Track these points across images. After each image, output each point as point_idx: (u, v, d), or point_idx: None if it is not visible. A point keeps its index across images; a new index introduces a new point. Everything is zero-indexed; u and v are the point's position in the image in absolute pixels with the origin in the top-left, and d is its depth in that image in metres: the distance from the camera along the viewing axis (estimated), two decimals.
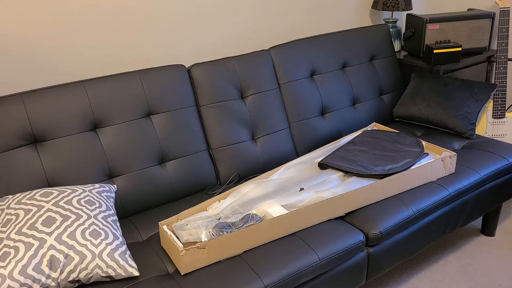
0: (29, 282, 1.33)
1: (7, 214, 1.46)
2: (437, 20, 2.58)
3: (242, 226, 1.59)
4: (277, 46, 2.26)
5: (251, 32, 2.43)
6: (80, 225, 1.44)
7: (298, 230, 1.67)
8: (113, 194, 1.68)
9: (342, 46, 2.43)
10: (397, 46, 2.83)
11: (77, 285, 1.43)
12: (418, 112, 2.43)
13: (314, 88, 2.31)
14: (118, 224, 1.57)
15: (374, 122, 2.42)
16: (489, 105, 2.44)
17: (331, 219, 1.75)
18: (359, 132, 2.28)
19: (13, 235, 1.39)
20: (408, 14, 2.74)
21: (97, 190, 1.62)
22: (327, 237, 1.65)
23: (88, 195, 1.56)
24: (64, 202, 1.49)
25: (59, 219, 1.43)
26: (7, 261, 1.33)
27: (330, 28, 2.72)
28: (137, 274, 1.47)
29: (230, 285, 1.45)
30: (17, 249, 1.35)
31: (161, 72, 1.94)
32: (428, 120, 2.40)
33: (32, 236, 1.38)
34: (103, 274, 1.42)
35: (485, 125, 2.45)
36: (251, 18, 2.41)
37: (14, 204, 1.49)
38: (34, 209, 1.45)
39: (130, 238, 1.70)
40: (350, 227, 1.72)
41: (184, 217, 1.69)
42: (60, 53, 1.93)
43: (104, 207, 1.55)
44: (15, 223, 1.42)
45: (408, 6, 2.67)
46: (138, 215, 1.84)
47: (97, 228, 1.46)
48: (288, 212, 1.64)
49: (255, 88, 2.14)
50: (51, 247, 1.37)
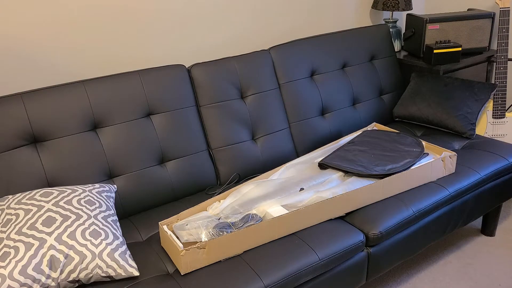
0: (29, 282, 1.33)
1: (7, 214, 1.46)
2: (437, 20, 2.58)
3: (242, 226, 1.59)
4: (277, 46, 2.26)
5: (251, 32, 2.43)
6: (80, 225, 1.44)
7: (298, 230, 1.67)
8: (113, 194, 1.68)
9: (342, 46, 2.43)
10: (397, 46, 2.83)
11: (77, 285, 1.43)
12: (418, 112, 2.43)
13: (314, 88, 2.31)
14: (118, 224, 1.57)
15: (374, 122, 2.42)
16: (489, 105, 2.44)
17: (331, 219, 1.75)
18: (359, 132, 2.28)
19: (13, 235, 1.39)
20: (408, 14, 2.74)
21: (97, 190, 1.62)
22: (327, 237, 1.65)
23: (88, 195, 1.56)
24: (64, 202, 1.49)
25: (59, 219, 1.43)
26: (7, 261, 1.33)
27: (330, 28, 2.72)
28: (137, 274, 1.47)
29: (230, 285, 1.45)
30: (17, 249, 1.35)
31: (161, 72, 1.94)
32: (428, 120, 2.40)
33: (32, 236, 1.38)
34: (103, 274, 1.42)
35: (485, 125, 2.45)
36: (251, 18, 2.41)
37: (14, 204, 1.49)
38: (34, 209, 1.45)
39: (130, 238, 1.70)
40: (350, 227, 1.72)
41: (184, 217, 1.69)
42: (60, 53, 1.93)
43: (104, 207, 1.55)
44: (15, 223, 1.42)
45: (408, 6, 2.67)
46: (138, 215, 1.84)
47: (97, 228, 1.46)
48: (288, 212, 1.64)
49: (255, 88, 2.14)
50: (51, 247, 1.37)
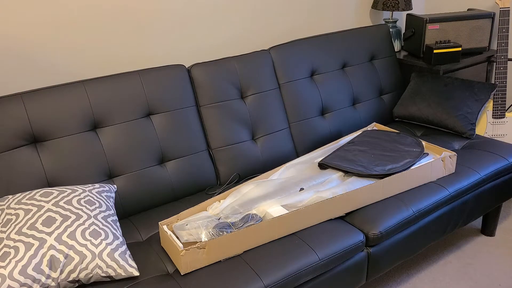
0: (29, 282, 1.33)
1: (7, 214, 1.46)
2: (437, 20, 2.58)
3: (242, 226, 1.59)
4: (277, 46, 2.26)
5: (251, 32, 2.43)
6: (80, 225, 1.44)
7: (298, 230, 1.67)
8: (113, 194, 1.68)
9: (342, 46, 2.43)
10: (397, 46, 2.83)
11: (77, 285, 1.43)
12: (418, 112, 2.43)
13: (314, 88, 2.31)
14: (118, 224, 1.57)
15: (374, 122, 2.42)
16: (489, 105, 2.44)
17: (331, 219, 1.75)
18: (359, 132, 2.28)
19: (13, 235, 1.39)
20: (408, 14, 2.74)
21: (97, 190, 1.62)
22: (327, 237, 1.65)
23: (88, 195, 1.56)
24: (64, 202, 1.49)
25: (59, 219, 1.43)
26: (7, 261, 1.33)
27: (330, 28, 2.72)
28: (137, 274, 1.47)
29: (230, 285, 1.45)
30: (17, 249, 1.35)
31: (161, 72, 1.94)
32: (428, 120, 2.40)
33: (32, 236, 1.38)
34: (103, 274, 1.42)
35: (485, 125, 2.45)
36: (251, 18, 2.41)
37: (14, 204, 1.49)
38: (34, 209, 1.45)
39: (130, 238, 1.70)
40: (350, 227, 1.72)
41: (184, 217, 1.69)
42: (60, 53, 1.93)
43: (104, 207, 1.55)
44: (15, 223, 1.42)
45: (408, 6, 2.67)
46: (138, 215, 1.84)
47: (97, 228, 1.46)
48: (288, 212, 1.64)
49: (255, 88, 2.14)
50: (51, 247, 1.37)
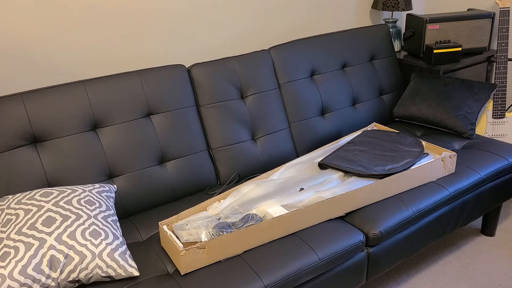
0: (29, 282, 1.33)
1: (7, 214, 1.46)
2: (437, 20, 2.58)
3: (242, 226, 1.59)
4: (277, 46, 2.26)
5: (251, 32, 2.43)
6: (80, 225, 1.44)
7: (298, 230, 1.67)
8: (113, 194, 1.68)
9: (342, 46, 2.43)
10: (397, 46, 2.83)
11: (77, 285, 1.43)
12: (418, 112, 2.43)
13: (314, 88, 2.31)
14: (118, 224, 1.57)
15: (374, 122, 2.42)
16: (489, 105, 2.44)
17: (331, 219, 1.75)
18: (359, 132, 2.28)
19: (13, 235, 1.39)
20: (408, 14, 2.74)
21: (97, 190, 1.62)
22: (327, 237, 1.65)
23: (88, 195, 1.56)
24: (64, 202, 1.49)
25: (59, 219, 1.43)
26: (7, 261, 1.33)
27: (330, 28, 2.72)
28: (137, 274, 1.47)
29: (230, 285, 1.45)
30: (17, 249, 1.35)
31: (161, 72, 1.94)
32: (428, 120, 2.40)
33: (32, 236, 1.38)
34: (103, 274, 1.42)
35: (485, 125, 2.45)
36: (251, 18, 2.41)
37: (14, 204, 1.49)
38: (34, 209, 1.45)
39: (130, 238, 1.70)
40: (350, 227, 1.72)
41: (184, 217, 1.69)
42: (60, 53, 1.93)
43: (104, 207, 1.55)
44: (15, 223, 1.42)
45: (408, 6, 2.67)
46: (138, 215, 1.84)
47: (97, 228, 1.46)
48: (288, 212, 1.64)
49: (255, 88, 2.14)
50: (51, 247, 1.37)
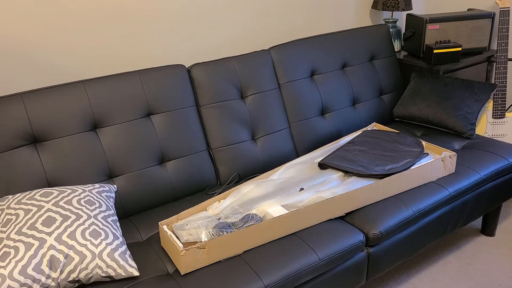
0: (29, 282, 1.33)
1: (7, 214, 1.46)
2: (437, 20, 2.58)
3: (242, 226, 1.59)
4: (277, 46, 2.26)
5: (251, 32, 2.43)
6: (80, 225, 1.44)
7: (298, 230, 1.67)
8: (113, 194, 1.68)
9: (342, 46, 2.43)
10: (397, 46, 2.83)
11: (77, 285, 1.43)
12: (418, 112, 2.43)
13: (314, 88, 2.31)
14: (118, 224, 1.57)
15: (374, 122, 2.42)
16: (489, 105, 2.44)
17: (331, 219, 1.75)
18: (359, 132, 2.28)
19: (13, 235, 1.39)
20: (408, 14, 2.74)
21: (97, 190, 1.62)
22: (327, 237, 1.65)
23: (88, 195, 1.56)
24: (64, 202, 1.49)
25: (59, 219, 1.43)
26: (7, 261, 1.33)
27: (330, 28, 2.72)
28: (137, 274, 1.47)
29: (230, 285, 1.45)
30: (17, 249, 1.35)
31: (161, 72, 1.94)
32: (428, 120, 2.40)
33: (32, 236, 1.38)
34: (103, 274, 1.42)
35: (485, 125, 2.45)
36: (251, 18, 2.41)
37: (14, 204, 1.49)
38: (34, 209, 1.45)
39: (130, 238, 1.70)
40: (350, 227, 1.72)
41: (184, 217, 1.69)
42: (60, 53, 1.93)
43: (104, 207, 1.55)
44: (15, 223, 1.42)
45: (408, 6, 2.67)
46: (138, 215, 1.84)
47: (97, 228, 1.46)
48: (288, 212, 1.64)
49: (255, 88, 2.14)
50: (51, 247, 1.37)
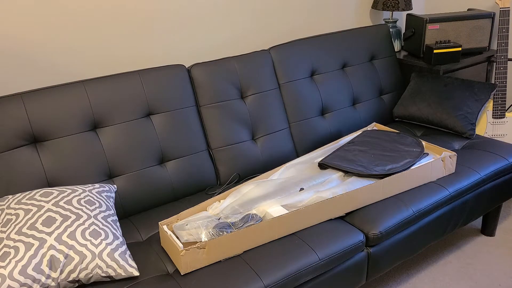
0: (29, 282, 1.33)
1: (7, 214, 1.46)
2: (437, 20, 2.58)
3: (242, 226, 1.59)
4: (277, 46, 2.26)
5: (251, 32, 2.43)
6: (80, 225, 1.44)
7: (298, 230, 1.67)
8: (113, 194, 1.68)
9: (342, 46, 2.43)
10: (397, 46, 2.83)
11: (77, 285, 1.43)
12: (418, 112, 2.43)
13: (314, 88, 2.31)
14: (118, 224, 1.57)
15: (374, 122, 2.42)
16: (489, 105, 2.44)
17: (331, 219, 1.75)
18: (359, 132, 2.28)
19: (13, 235, 1.39)
20: (408, 14, 2.74)
21: (97, 190, 1.62)
22: (327, 237, 1.65)
23: (88, 195, 1.56)
24: (64, 202, 1.49)
25: (59, 219, 1.43)
26: (7, 261, 1.33)
27: (330, 28, 2.72)
28: (137, 274, 1.47)
29: (230, 285, 1.45)
30: (17, 249, 1.35)
31: (161, 72, 1.94)
32: (428, 120, 2.40)
33: (32, 236, 1.38)
34: (103, 274, 1.42)
35: (485, 125, 2.45)
36: (251, 18, 2.41)
37: (14, 204, 1.49)
38: (34, 209, 1.45)
39: (130, 238, 1.70)
40: (350, 227, 1.72)
41: (184, 217, 1.69)
42: (60, 53, 1.93)
43: (104, 207, 1.55)
44: (15, 223, 1.42)
45: (408, 6, 2.67)
46: (138, 215, 1.84)
47: (97, 228, 1.46)
48: (288, 212, 1.64)
49: (255, 88, 2.14)
50: (51, 247, 1.37)
